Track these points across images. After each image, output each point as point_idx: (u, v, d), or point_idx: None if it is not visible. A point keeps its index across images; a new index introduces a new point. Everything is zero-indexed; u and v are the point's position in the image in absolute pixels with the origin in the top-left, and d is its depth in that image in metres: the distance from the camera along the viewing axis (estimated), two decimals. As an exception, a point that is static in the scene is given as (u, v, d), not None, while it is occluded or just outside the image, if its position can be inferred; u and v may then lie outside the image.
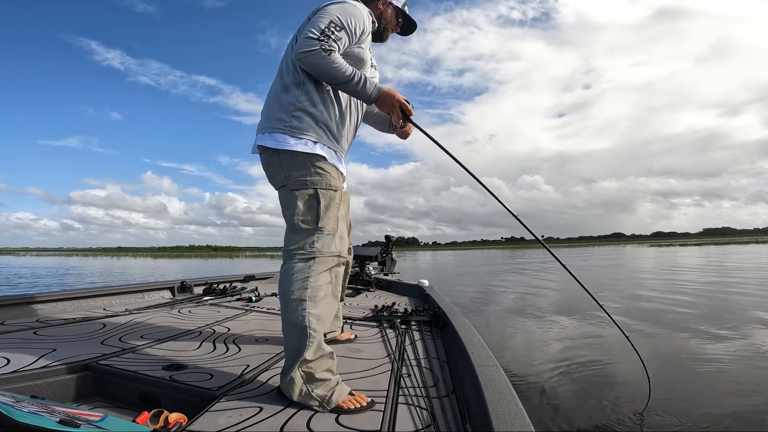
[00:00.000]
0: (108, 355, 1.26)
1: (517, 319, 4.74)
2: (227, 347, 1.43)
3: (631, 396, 2.27)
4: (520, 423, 0.73)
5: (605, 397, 2.28)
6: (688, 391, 2.36)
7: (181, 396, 1.02)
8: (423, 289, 2.84)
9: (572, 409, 2.14)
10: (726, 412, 2.06)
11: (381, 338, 1.66)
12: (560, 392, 2.37)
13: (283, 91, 1.25)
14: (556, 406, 2.19)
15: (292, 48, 1.27)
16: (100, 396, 1.12)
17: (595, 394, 2.33)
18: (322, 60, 1.16)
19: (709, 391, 2.34)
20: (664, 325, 4.05)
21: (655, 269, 12.67)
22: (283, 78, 1.26)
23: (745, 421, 1.97)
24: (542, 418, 2.04)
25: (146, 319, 1.84)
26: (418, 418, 0.93)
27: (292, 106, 1.21)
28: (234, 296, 2.63)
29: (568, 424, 1.99)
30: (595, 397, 2.29)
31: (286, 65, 1.28)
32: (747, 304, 5.16)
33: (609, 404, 2.19)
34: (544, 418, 2.03)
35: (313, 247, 1.13)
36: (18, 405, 0.76)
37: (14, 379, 1.04)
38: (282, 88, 1.25)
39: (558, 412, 2.12)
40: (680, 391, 2.36)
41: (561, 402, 2.23)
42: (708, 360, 2.89)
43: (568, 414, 2.09)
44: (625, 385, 2.44)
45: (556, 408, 2.16)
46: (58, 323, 1.69)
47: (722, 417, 2.01)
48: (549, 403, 2.23)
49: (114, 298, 2.24)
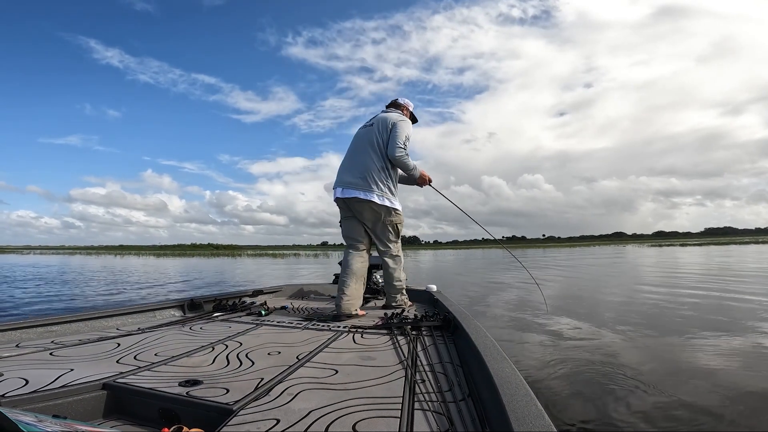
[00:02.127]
0: (125, 373, 1.27)
1: (525, 319, 4.74)
2: (240, 361, 1.44)
3: (650, 394, 2.28)
4: (540, 423, 0.73)
5: (623, 394, 2.28)
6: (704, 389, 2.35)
7: (199, 411, 1.03)
8: (432, 295, 2.85)
9: (591, 408, 2.14)
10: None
11: (393, 345, 1.67)
12: (578, 391, 2.38)
13: (382, 170, 2.70)
14: (575, 405, 2.19)
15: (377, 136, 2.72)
16: (120, 414, 1.13)
17: (612, 392, 2.33)
18: (405, 161, 2.70)
19: (722, 391, 2.32)
20: (662, 326, 4.05)
21: (643, 272, 12.62)
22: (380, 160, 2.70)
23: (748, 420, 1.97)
24: (562, 417, 2.03)
25: (159, 336, 1.87)
26: (435, 422, 0.93)
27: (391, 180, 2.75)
28: (244, 311, 2.66)
29: (588, 422, 1.99)
30: (612, 395, 2.29)
31: (380, 151, 2.71)
32: (735, 308, 5.15)
33: (627, 402, 2.18)
34: (563, 417, 2.03)
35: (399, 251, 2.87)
36: (41, 425, 0.76)
37: (34, 399, 1.04)
38: (382, 167, 2.70)
39: (577, 411, 2.12)
40: (696, 389, 2.34)
41: (579, 401, 2.24)
42: (719, 359, 2.89)
43: (587, 412, 2.09)
44: (643, 384, 2.45)
45: (574, 407, 2.16)
46: (73, 344, 1.71)
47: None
48: (567, 402, 2.23)
49: (126, 317, 2.27)
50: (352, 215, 2.81)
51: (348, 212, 2.82)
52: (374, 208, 2.68)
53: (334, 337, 1.86)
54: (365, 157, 2.71)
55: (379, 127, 2.73)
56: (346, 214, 2.85)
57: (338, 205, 2.86)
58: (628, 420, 1.98)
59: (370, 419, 0.95)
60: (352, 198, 2.69)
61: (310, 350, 1.60)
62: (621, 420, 1.98)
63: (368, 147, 2.72)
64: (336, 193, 2.80)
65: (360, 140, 2.81)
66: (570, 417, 2.03)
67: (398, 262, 2.81)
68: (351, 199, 2.71)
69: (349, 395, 1.10)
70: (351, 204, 2.74)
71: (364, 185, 2.66)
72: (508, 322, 4.60)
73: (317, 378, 1.25)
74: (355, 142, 2.86)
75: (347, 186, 2.71)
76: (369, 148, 2.71)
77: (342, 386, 1.17)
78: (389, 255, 2.80)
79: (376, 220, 2.73)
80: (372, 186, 2.66)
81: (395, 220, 2.77)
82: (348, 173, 2.75)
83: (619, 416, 2.02)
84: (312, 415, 0.97)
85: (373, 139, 2.72)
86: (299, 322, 2.26)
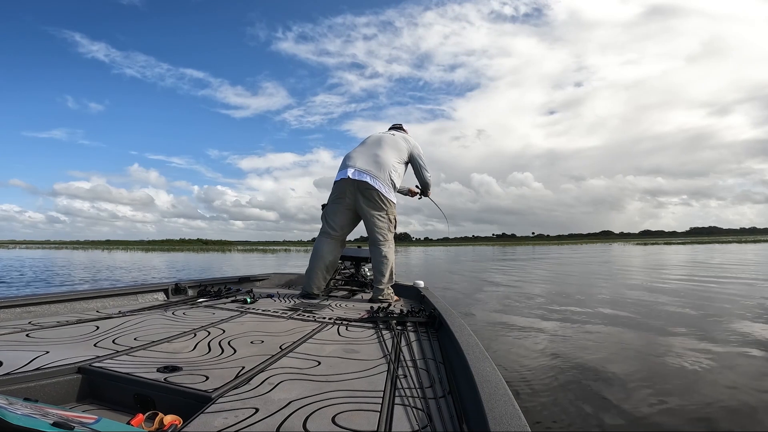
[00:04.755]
0: (101, 357, 1.25)
1: (510, 317, 4.79)
2: (222, 349, 1.42)
3: (627, 394, 2.31)
4: (516, 423, 0.74)
5: (601, 395, 2.31)
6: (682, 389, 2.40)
7: (176, 398, 1.02)
8: (419, 291, 2.85)
9: (568, 409, 2.16)
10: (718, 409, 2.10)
11: (377, 339, 1.66)
12: (555, 391, 2.40)
13: (394, 169, 2.84)
14: (552, 405, 2.21)
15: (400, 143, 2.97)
16: (94, 398, 1.11)
17: (590, 393, 2.36)
18: (430, 181, 3.21)
19: (700, 388, 2.39)
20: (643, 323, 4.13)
21: (630, 272, 12.85)
22: (397, 160, 2.90)
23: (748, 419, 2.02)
24: (538, 417, 2.05)
25: (140, 321, 1.82)
26: (414, 418, 0.93)
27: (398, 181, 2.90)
28: (229, 298, 2.61)
29: (564, 423, 2.01)
30: (590, 396, 2.31)
31: (399, 154, 2.92)
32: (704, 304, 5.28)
33: (605, 403, 2.21)
34: (540, 418, 2.05)
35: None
36: (11, 407, 0.75)
37: (7, 382, 1.02)
38: (395, 167, 2.86)
39: (553, 411, 2.14)
40: (673, 388, 2.40)
41: (556, 401, 2.26)
42: (696, 357, 2.96)
43: (563, 413, 2.11)
44: (620, 383, 2.48)
45: (551, 408, 2.18)
46: (50, 325, 1.66)
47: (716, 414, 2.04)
48: (545, 402, 2.25)
49: (107, 300, 2.21)
50: (344, 202, 2.84)
51: (343, 197, 2.83)
52: (379, 198, 2.76)
53: (318, 328, 1.84)
54: (384, 152, 2.85)
55: (401, 138, 2.99)
56: (339, 199, 2.85)
57: (338, 187, 2.86)
58: (606, 422, 2.00)
59: (350, 412, 0.94)
60: (363, 182, 2.75)
61: (293, 340, 1.59)
62: (598, 423, 2.00)
63: (388, 146, 2.89)
64: (345, 173, 2.79)
65: (379, 139, 2.95)
66: (547, 418, 2.06)
67: (391, 255, 2.84)
68: (361, 183, 2.75)
69: (330, 387, 1.09)
70: (360, 187, 2.76)
71: (378, 174, 2.77)
72: (493, 321, 4.63)
73: (299, 369, 1.23)
74: (372, 139, 2.99)
75: (360, 170, 2.77)
76: (388, 148, 2.88)
77: (324, 378, 1.16)
78: (384, 247, 2.81)
79: (378, 209, 2.78)
80: (384, 177, 2.78)
81: (395, 213, 2.88)
82: (362, 160, 2.82)
83: (597, 419, 2.04)
84: (291, 405, 0.96)
85: (395, 142, 2.93)
86: (284, 311, 2.23)
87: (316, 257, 2.87)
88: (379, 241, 2.81)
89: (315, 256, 2.88)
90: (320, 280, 2.88)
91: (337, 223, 2.89)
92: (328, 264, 2.88)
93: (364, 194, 2.76)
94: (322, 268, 2.86)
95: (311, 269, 2.87)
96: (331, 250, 2.89)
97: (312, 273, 2.85)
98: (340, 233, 2.92)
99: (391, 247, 2.85)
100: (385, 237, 2.82)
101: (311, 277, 2.85)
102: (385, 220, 2.81)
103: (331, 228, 2.90)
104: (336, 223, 2.89)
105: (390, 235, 2.85)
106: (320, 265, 2.85)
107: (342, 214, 2.87)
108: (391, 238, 2.86)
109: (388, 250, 2.82)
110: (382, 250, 2.80)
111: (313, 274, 2.85)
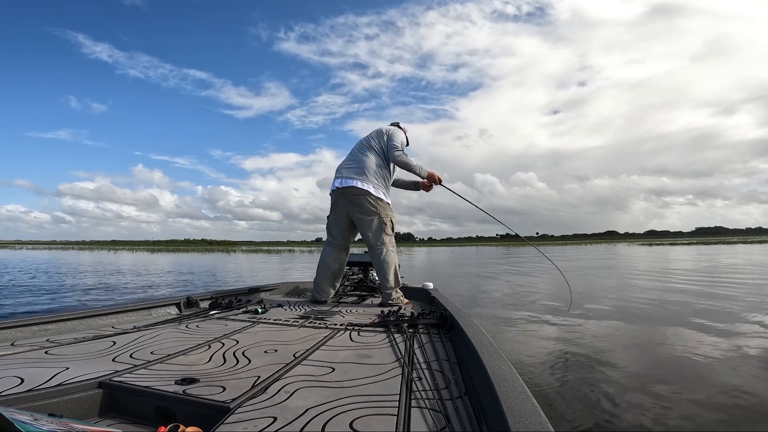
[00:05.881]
0: (120, 371, 1.26)
1: (522, 315, 4.78)
2: (237, 359, 1.44)
3: (643, 392, 2.30)
4: (536, 421, 0.73)
5: (616, 393, 2.30)
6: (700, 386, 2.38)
7: (196, 410, 1.03)
8: (428, 292, 2.86)
9: (586, 405, 2.16)
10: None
11: (389, 343, 1.67)
12: (573, 388, 2.40)
13: (379, 168, 2.90)
14: (570, 402, 2.20)
15: (373, 140, 2.97)
16: (116, 412, 1.12)
17: (605, 390, 2.35)
18: (405, 159, 2.91)
19: (720, 388, 2.35)
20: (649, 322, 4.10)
21: (638, 272, 12.76)
22: (378, 159, 2.92)
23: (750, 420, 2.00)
24: (557, 414, 2.05)
25: (155, 335, 1.84)
26: (432, 420, 0.93)
27: (387, 179, 2.97)
28: (240, 309, 2.65)
29: (583, 420, 2.00)
30: (605, 393, 2.31)
31: (377, 152, 2.92)
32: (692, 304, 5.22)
33: (621, 400, 2.20)
34: (559, 415, 2.04)
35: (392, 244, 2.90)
36: (36, 423, 0.76)
37: (30, 398, 1.03)
38: (378, 164, 2.90)
39: (572, 408, 2.13)
40: (691, 386, 2.37)
41: (574, 398, 2.25)
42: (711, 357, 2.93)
43: (582, 410, 2.10)
44: (636, 381, 2.47)
45: (570, 404, 2.18)
46: (68, 342, 1.69)
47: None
48: (563, 399, 2.25)
49: (122, 315, 2.24)
50: (341, 210, 2.93)
51: (338, 206, 2.95)
52: (370, 200, 2.80)
53: (330, 335, 1.85)
54: (364, 157, 2.92)
55: (374, 135, 3.02)
56: (336, 208, 2.98)
57: (332, 198, 3.01)
58: (624, 419, 1.99)
59: (368, 417, 0.94)
60: (350, 187, 2.83)
61: (306, 348, 1.60)
62: (616, 419, 1.99)
63: (366, 150, 2.97)
64: (334, 185, 2.95)
65: (358, 146, 3.06)
66: (566, 415, 2.05)
67: (392, 257, 2.84)
68: (348, 189, 2.83)
69: (345, 393, 1.10)
70: (347, 194, 2.84)
71: (362, 176, 2.85)
72: (502, 319, 4.64)
73: (314, 376, 1.24)
74: (353, 148, 3.10)
75: (345, 177, 2.88)
76: (367, 150, 2.96)
77: (339, 384, 1.17)
78: (383, 250, 2.82)
79: (371, 212, 2.81)
80: (369, 178, 2.84)
81: (390, 214, 2.89)
82: (346, 169, 2.93)
83: (615, 415, 2.03)
84: (309, 413, 0.96)
85: (370, 143, 2.99)
86: (296, 319, 2.25)
87: (323, 266, 3.01)
88: (375, 245, 2.84)
89: (321, 265, 3.02)
90: (328, 287, 3.00)
91: (338, 232, 3.01)
92: (335, 271, 3.01)
93: (353, 201, 2.84)
94: (329, 275, 2.99)
95: (319, 278, 3.01)
96: (336, 258, 3.02)
97: (320, 281, 3.00)
98: (342, 241, 3.03)
99: (389, 249, 2.84)
100: (379, 240, 2.82)
101: (319, 285, 3.00)
102: (376, 222, 2.82)
103: (332, 237, 3.04)
104: (336, 232, 3.01)
105: (386, 237, 2.83)
106: (327, 273, 2.99)
107: (340, 223, 2.99)
108: (388, 241, 2.84)
109: (386, 253, 2.82)
110: (380, 254, 2.83)
111: (321, 282, 2.99)
